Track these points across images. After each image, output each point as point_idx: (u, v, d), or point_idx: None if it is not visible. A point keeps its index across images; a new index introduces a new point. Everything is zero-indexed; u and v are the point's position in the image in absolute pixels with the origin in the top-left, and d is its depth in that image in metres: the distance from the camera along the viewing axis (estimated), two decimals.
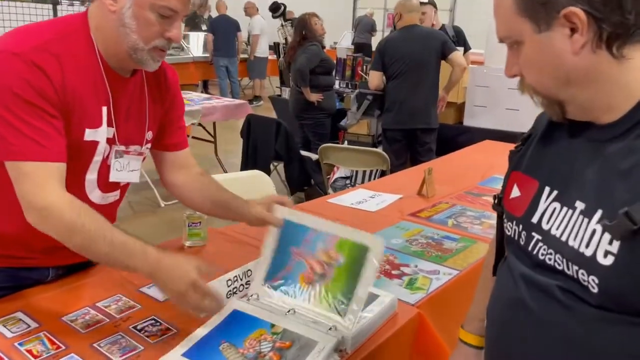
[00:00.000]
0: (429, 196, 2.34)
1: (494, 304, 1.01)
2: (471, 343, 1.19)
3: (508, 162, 1.07)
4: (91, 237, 1.14)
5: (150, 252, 1.15)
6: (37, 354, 1.13)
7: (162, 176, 1.54)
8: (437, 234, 1.91)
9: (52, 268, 1.42)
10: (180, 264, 1.16)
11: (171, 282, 1.14)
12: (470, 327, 1.21)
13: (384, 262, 1.65)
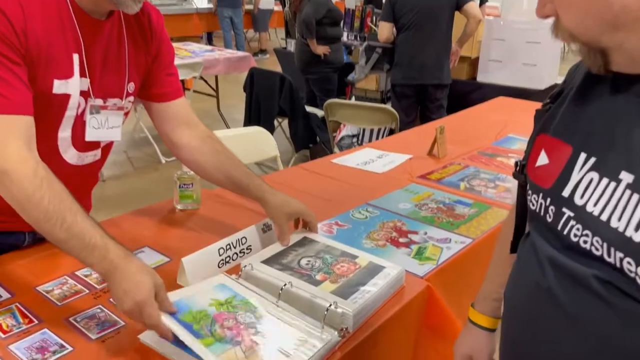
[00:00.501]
0: (440, 157, 2.20)
1: (514, 289, 0.88)
2: (482, 325, 1.08)
3: (534, 123, 0.92)
4: (47, 217, 0.98)
5: (112, 250, 0.98)
6: (7, 328, 1.03)
7: (163, 135, 1.40)
8: (449, 198, 1.78)
9: (28, 233, 1.31)
10: (139, 273, 0.97)
11: (121, 295, 0.96)
12: (481, 306, 1.09)
13: (390, 229, 1.53)
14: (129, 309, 0.95)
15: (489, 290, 1.08)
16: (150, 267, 1.01)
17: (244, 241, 1.30)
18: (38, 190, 0.99)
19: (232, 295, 1.10)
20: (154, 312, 0.95)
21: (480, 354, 1.07)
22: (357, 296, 1.11)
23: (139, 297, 0.94)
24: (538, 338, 0.80)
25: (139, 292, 0.94)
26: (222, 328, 1.00)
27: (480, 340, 1.07)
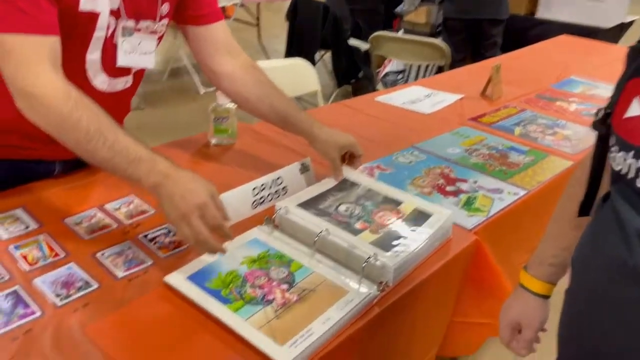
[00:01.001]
0: (493, 98, 2.04)
1: (586, 261, 0.77)
2: (535, 291, 0.98)
3: (625, 64, 0.78)
4: (88, 138, 0.93)
5: (159, 161, 0.94)
6: (33, 260, 0.99)
7: (202, 63, 1.31)
8: (502, 144, 1.64)
9: (58, 162, 1.26)
10: (193, 181, 0.94)
11: (178, 200, 0.90)
12: (536, 271, 0.98)
13: (437, 176, 1.42)
14: (186, 211, 0.90)
15: (546, 253, 0.98)
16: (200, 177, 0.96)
17: (279, 182, 1.22)
18: (74, 112, 0.93)
19: (265, 250, 1.03)
20: (217, 212, 0.92)
21: (530, 321, 0.97)
22: (399, 248, 1.02)
23: (199, 199, 0.90)
24: (614, 322, 0.69)
25: (198, 196, 0.91)
26: (253, 287, 0.94)
27: (532, 307, 0.98)
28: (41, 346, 0.81)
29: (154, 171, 0.93)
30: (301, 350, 0.82)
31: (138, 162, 0.93)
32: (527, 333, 0.98)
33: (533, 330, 0.98)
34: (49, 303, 0.90)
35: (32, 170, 1.23)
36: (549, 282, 0.97)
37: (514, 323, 0.99)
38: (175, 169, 0.95)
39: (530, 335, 0.98)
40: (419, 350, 1.16)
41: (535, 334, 0.99)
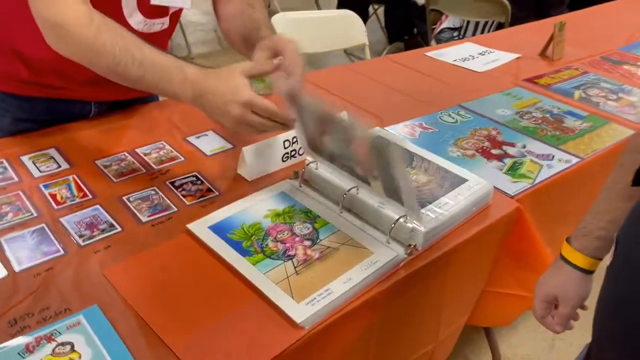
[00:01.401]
0: (554, 59, 1.89)
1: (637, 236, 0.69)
2: (578, 264, 0.90)
3: None
4: (116, 61, 0.91)
5: (189, 72, 0.91)
6: (61, 200, 0.99)
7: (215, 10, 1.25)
8: (558, 108, 1.52)
9: (94, 103, 1.25)
10: (227, 81, 0.90)
11: (223, 109, 0.89)
12: (580, 243, 0.91)
13: (483, 138, 1.33)
14: (238, 115, 0.89)
15: (593, 225, 0.89)
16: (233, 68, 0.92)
17: None
18: (99, 36, 0.91)
19: (291, 205, 1.00)
20: (265, 102, 0.89)
21: (568, 296, 0.91)
22: (432, 210, 0.96)
23: (243, 97, 0.88)
24: None
25: (241, 94, 0.88)
26: (274, 242, 0.91)
27: (572, 281, 0.91)
28: (61, 284, 0.82)
29: (186, 83, 0.91)
30: (318, 309, 0.79)
31: (169, 77, 0.91)
32: (563, 308, 0.92)
33: (570, 306, 0.91)
34: (72, 243, 0.90)
35: (68, 111, 1.23)
36: (594, 257, 0.89)
37: (551, 297, 0.93)
38: (205, 74, 0.91)
39: (566, 311, 0.92)
40: (447, 318, 1.11)
41: (572, 310, 0.92)
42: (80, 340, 0.73)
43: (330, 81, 1.57)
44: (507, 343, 1.82)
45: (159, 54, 0.93)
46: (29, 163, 1.08)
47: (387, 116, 1.40)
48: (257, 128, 0.92)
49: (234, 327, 0.77)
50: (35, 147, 1.13)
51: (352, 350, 0.90)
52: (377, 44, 4.33)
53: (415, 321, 1.04)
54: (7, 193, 1.00)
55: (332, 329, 0.81)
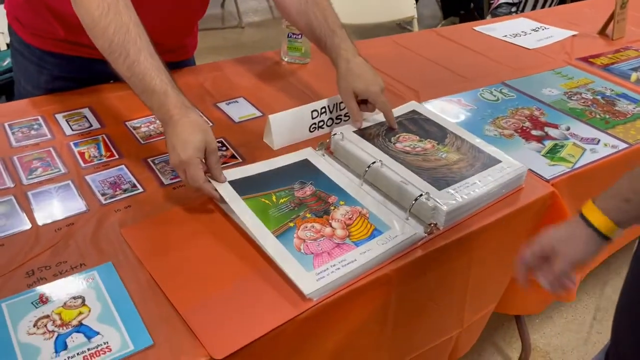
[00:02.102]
0: (614, 38, 1.77)
1: None
2: (594, 223, 0.75)
3: None
4: (111, 49, 0.89)
5: (170, 99, 0.89)
6: (89, 158, 1.01)
7: None
8: (612, 90, 1.42)
9: None
10: (191, 133, 0.87)
11: (172, 150, 0.87)
12: (605, 203, 0.76)
13: (524, 117, 1.26)
14: (174, 164, 0.88)
15: (624, 187, 0.75)
16: (207, 125, 0.90)
17: (342, 106, 1.14)
18: (104, 17, 0.89)
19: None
20: (197, 174, 0.87)
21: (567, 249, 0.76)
22: (458, 190, 0.92)
23: (184, 156, 0.86)
24: None
25: (184, 151, 0.86)
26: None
27: (578, 238, 0.76)
28: (79, 240, 0.84)
29: (163, 108, 0.89)
30: (328, 282, 0.77)
31: (151, 93, 0.89)
32: (559, 263, 0.76)
33: (567, 262, 0.75)
34: (95, 200, 0.92)
35: (104, 71, 1.23)
36: (615, 221, 0.74)
37: (549, 247, 0.78)
38: (180, 111, 0.88)
39: (561, 267, 0.76)
40: (472, 304, 1.07)
41: (566, 268, 0.76)
42: (92, 295, 0.74)
43: (370, 53, 1.52)
44: (541, 332, 1.76)
45: (152, 67, 0.89)
46: (63, 121, 1.11)
47: (425, 91, 1.35)
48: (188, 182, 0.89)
49: (241, 294, 0.77)
50: (70, 106, 1.16)
51: (365, 328, 0.88)
52: (432, 18, 4.20)
53: (437, 305, 1.01)
54: (39, 149, 1.03)
55: (343, 304, 0.80)
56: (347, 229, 0.87)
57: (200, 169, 0.87)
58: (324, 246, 0.83)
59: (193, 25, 1.31)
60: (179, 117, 0.88)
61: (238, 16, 4.01)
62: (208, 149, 0.89)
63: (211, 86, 1.29)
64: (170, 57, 1.23)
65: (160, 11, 1.12)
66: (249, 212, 0.87)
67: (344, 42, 1.10)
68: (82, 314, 0.72)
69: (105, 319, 0.71)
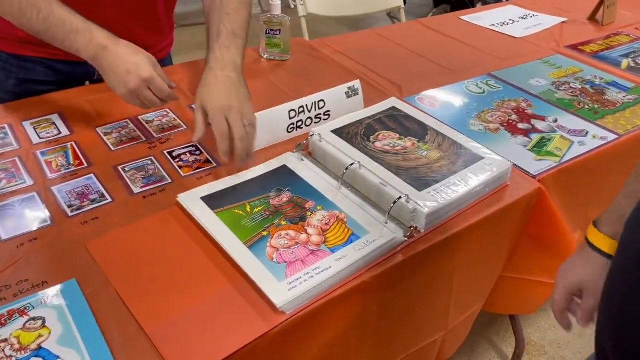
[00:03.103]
0: (604, 23, 1.73)
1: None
2: (605, 250, 0.80)
3: None
4: (22, 12, 0.90)
5: (97, 32, 0.92)
6: (56, 168, 0.97)
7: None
8: (601, 78, 1.38)
9: None
10: (135, 53, 0.92)
11: (123, 75, 0.91)
12: (611, 228, 0.80)
13: (510, 110, 1.22)
14: (135, 87, 0.92)
15: (621, 209, 0.79)
16: (137, 47, 0.95)
17: (321, 105, 1.10)
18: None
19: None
20: (162, 84, 0.93)
21: (595, 287, 0.80)
22: (439, 190, 0.89)
23: (145, 74, 0.91)
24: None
25: (144, 69, 0.91)
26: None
27: (599, 271, 0.80)
28: (43, 256, 0.80)
29: (92, 43, 0.91)
30: (301, 293, 0.74)
31: (75, 34, 0.91)
32: (589, 300, 0.81)
33: (598, 298, 0.78)
34: (60, 213, 0.88)
35: (70, 72, 1.19)
36: None
37: (575, 287, 0.83)
38: (114, 41, 0.92)
39: (592, 303, 0.81)
40: (457, 305, 1.04)
41: (598, 302, 0.80)
42: (53, 315, 0.71)
43: (351, 47, 1.49)
44: (536, 326, 1.73)
45: (68, 12, 0.92)
46: (30, 129, 1.07)
47: (408, 85, 1.31)
48: (148, 103, 0.95)
49: (212, 309, 0.73)
50: (39, 113, 1.12)
51: (345, 337, 0.85)
52: (424, 7, 4.15)
53: (420, 309, 0.98)
54: (4, 159, 0.99)
55: (319, 315, 0.76)
56: (323, 235, 0.83)
57: (161, 80, 0.93)
58: (298, 254, 0.80)
59: (162, 13, 1.25)
60: (115, 45, 0.92)
61: None
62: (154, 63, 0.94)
63: (187, 86, 1.24)
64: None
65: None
66: (220, 224, 0.84)
67: (222, 50, 1.02)
68: (41, 336, 0.68)
69: (67, 342, 0.68)
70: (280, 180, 0.94)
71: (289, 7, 4.18)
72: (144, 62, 0.91)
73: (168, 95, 0.95)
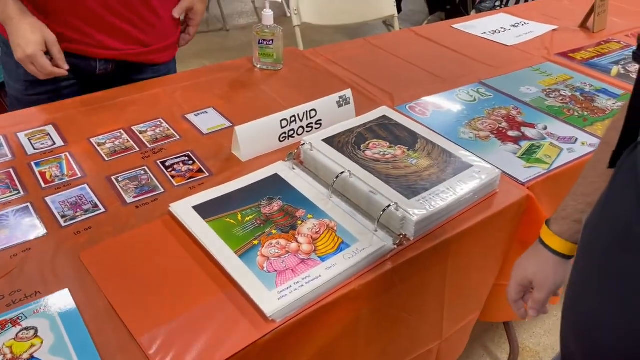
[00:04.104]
0: (595, 31, 1.75)
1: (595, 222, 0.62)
2: (554, 248, 0.81)
3: None
4: None
5: (9, 5, 1.10)
6: (50, 179, 0.98)
7: None
8: (591, 85, 1.40)
9: (99, 60, 1.26)
10: (32, 32, 1.10)
11: (16, 46, 1.11)
12: (559, 226, 0.81)
13: (500, 118, 1.23)
14: (21, 59, 1.11)
15: (572, 208, 0.80)
16: (43, 25, 1.12)
17: (312, 114, 1.11)
18: None
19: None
20: (44, 62, 1.11)
21: (543, 281, 0.82)
22: (428, 198, 0.90)
23: (29, 51, 1.09)
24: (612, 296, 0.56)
25: (28, 47, 1.09)
26: None
27: (549, 266, 0.82)
28: (36, 266, 0.81)
29: (4, 14, 1.10)
30: (290, 302, 0.75)
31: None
32: (538, 294, 0.84)
33: (546, 292, 0.83)
34: (54, 223, 0.89)
35: (76, 65, 1.22)
36: (572, 242, 0.80)
37: (526, 281, 0.85)
38: (21, 16, 1.10)
39: (541, 297, 0.84)
40: (452, 314, 1.05)
41: (547, 296, 0.84)
42: (45, 325, 0.72)
43: (343, 56, 1.50)
44: (530, 332, 1.73)
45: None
46: (25, 140, 1.08)
47: (399, 94, 1.32)
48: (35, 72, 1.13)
49: (204, 317, 0.74)
50: (34, 124, 1.13)
51: (336, 345, 0.85)
52: (419, 14, 4.17)
53: (411, 316, 0.99)
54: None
55: (309, 323, 0.77)
56: (313, 244, 0.84)
57: (45, 59, 1.11)
58: (288, 263, 0.81)
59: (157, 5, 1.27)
60: (19, 20, 1.09)
61: (223, 19, 3.98)
62: (48, 43, 1.12)
63: (181, 97, 1.26)
64: (151, 58, 1.28)
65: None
66: (212, 233, 0.85)
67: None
68: (34, 346, 0.69)
69: (58, 351, 0.69)
70: (272, 188, 0.95)
71: (285, 15, 4.21)
72: (34, 41, 1.09)
73: (50, 73, 1.13)
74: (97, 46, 1.22)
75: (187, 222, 0.87)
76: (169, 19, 1.29)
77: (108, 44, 1.22)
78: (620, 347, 0.58)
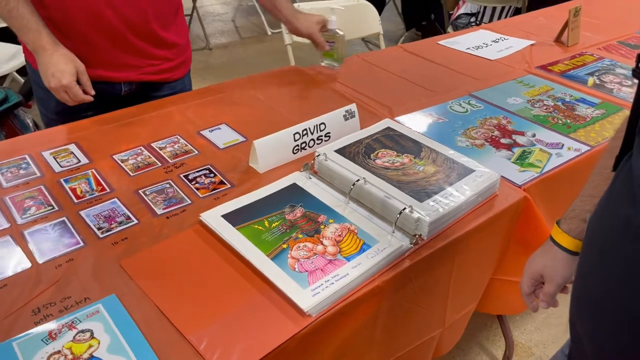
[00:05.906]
0: (569, 44, 1.88)
1: (598, 219, 0.71)
2: (564, 245, 0.91)
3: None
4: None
5: (43, 36, 1.17)
6: (81, 194, 1.04)
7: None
8: (571, 95, 1.51)
9: (123, 83, 1.35)
10: (65, 62, 1.18)
11: (50, 76, 1.17)
12: (568, 225, 0.91)
13: (492, 127, 1.34)
14: (55, 88, 1.18)
15: (580, 208, 0.90)
16: (74, 56, 1.21)
17: (322, 127, 1.20)
18: None
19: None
20: (78, 92, 1.19)
21: (553, 275, 0.92)
22: (438, 201, 0.98)
23: (65, 81, 1.17)
24: (612, 285, 0.65)
25: (64, 78, 1.17)
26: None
27: (558, 262, 0.91)
28: (81, 274, 0.86)
29: (37, 42, 1.17)
30: (324, 297, 0.82)
31: (27, 31, 1.17)
32: (548, 287, 0.93)
33: (555, 285, 0.92)
34: (91, 235, 0.94)
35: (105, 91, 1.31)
36: (580, 239, 0.88)
37: (537, 275, 0.94)
38: (54, 46, 1.18)
39: (551, 290, 0.92)
40: (454, 305, 1.13)
41: (557, 289, 0.93)
42: (99, 327, 0.77)
43: (340, 72, 1.59)
44: (522, 329, 1.83)
45: (29, 12, 1.17)
46: (50, 158, 1.13)
47: (397, 107, 1.41)
48: (66, 100, 1.20)
49: (243, 315, 0.81)
50: (56, 143, 1.18)
51: (357, 335, 0.93)
52: (395, 32, 4.32)
53: (421, 308, 1.07)
54: (30, 188, 1.05)
55: (339, 316, 0.85)
56: (337, 246, 0.92)
57: (78, 88, 1.19)
58: (317, 263, 0.88)
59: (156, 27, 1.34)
60: (52, 50, 1.17)
61: (205, 38, 4.05)
62: (79, 72, 1.19)
63: (193, 114, 1.33)
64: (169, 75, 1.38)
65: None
66: (243, 239, 0.91)
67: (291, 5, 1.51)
68: (92, 346, 0.75)
69: (116, 350, 0.74)
70: (292, 197, 1.03)
71: (266, 33, 4.31)
72: (69, 72, 1.16)
73: (81, 100, 1.20)
74: (121, 65, 1.31)
75: (219, 230, 0.94)
76: (167, 36, 1.37)
77: (131, 62, 1.30)
78: (624, 322, 0.66)
